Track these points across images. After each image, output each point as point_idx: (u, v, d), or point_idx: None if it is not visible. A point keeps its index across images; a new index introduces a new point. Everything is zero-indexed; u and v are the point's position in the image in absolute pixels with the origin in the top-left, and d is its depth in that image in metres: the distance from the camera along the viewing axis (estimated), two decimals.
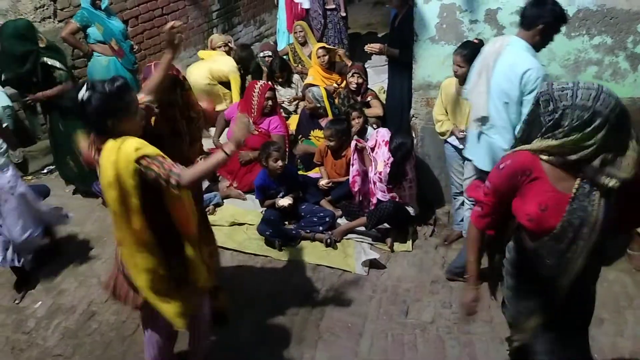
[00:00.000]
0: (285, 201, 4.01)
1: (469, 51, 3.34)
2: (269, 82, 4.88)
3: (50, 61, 4.07)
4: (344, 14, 6.57)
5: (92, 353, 3.06)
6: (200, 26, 6.76)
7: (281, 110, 5.41)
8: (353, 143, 4.04)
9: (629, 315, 3.16)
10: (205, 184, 4.47)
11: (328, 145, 4.31)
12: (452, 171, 3.78)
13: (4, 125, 3.52)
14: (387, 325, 3.21)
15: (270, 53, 5.90)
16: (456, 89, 3.50)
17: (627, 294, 3.32)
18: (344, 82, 5.15)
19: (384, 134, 3.98)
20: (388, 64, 5.10)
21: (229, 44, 5.64)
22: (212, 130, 4.97)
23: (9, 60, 3.99)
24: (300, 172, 4.58)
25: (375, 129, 4.38)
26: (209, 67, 5.25)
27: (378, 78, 6.36)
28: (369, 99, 4.78)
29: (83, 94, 2.07)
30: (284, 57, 6.04)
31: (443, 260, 3.79)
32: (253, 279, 3.62)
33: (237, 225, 4.16)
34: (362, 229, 3.98)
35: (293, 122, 5.13)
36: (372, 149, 3.97)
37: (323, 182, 4.28)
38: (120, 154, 2.06)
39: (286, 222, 4.15)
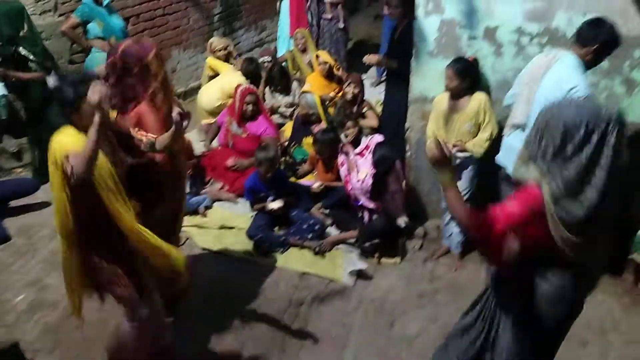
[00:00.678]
0: (275, 204, 4.00)
1: (461, 66, 3.37)
2: (253, 87, 4.88)
3: (24, 52, 4.15)
4: (342, 26, 6.57)
5: (73, 349, 3.02)
6: (201, 28, 6.76)
7: (274, 115, 5.42)
8: (340, 145, 4.11)
9: (613, 338, 3.16)
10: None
11: (319, 157, 4.35)
12: None
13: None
14: (372, 338, 3.19)
15: (269, 59, 5.90)
16: (448, 105, 3.51)
17: (613, 316, 3.32)
18: (341, 92, 5.16)
19: (377, 139, 3.98)
20: (386, 76, 5.12)
21: (229, 47, 5.63)
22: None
23: None
24: (291, 180, 4.58)
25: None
26: (220, 85, 5.22)
27: (375, 90, 6.39)
28: (364, 109, 4.79)
29: (52, 81, 2.19)
30: (283, 63, 6.04)
31: (431, 274, 3.78)
32: (239, 283, 3.59)
33: (226, 228, 4.13)
34: (352, 240, 3.97)
35: (288, 129, 5.14)
36: (362, 153, 3.98)
37: (316, 185, 4.28)
38: (55, 145, 2.19)
39: (276, 228, 4.13)
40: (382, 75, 6.69)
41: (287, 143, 4.93)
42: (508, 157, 3.28)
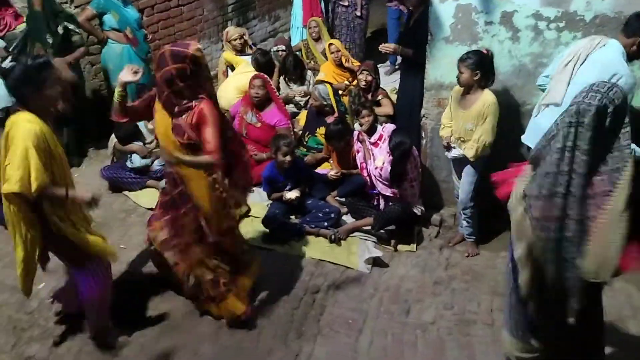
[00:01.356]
0: (292, 194, 4.01)
1: (473, 58, 3.33)
2: (263, 74, 4.86)
3: (72, 26, 4.30)
4: (359, 13, 6.51)
5: None
6: (215, 19, 6.76)
7: (289, 104, 5.41)
8: (355, 134, 4.11)
9: (631, 325, 3.13)
10: None
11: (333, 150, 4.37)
12: (454, 173, 3.77)
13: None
14: (388, 324, 3.21)
15: (284, 48, 5.89)
16: (459, 98, 3.50)
17: (632, 304, 3.29)
18: (356, 80, 5.14)
19: (389, 129, 3.98)
20: (401, 63, 5.09)
21: (244, 36, 5.64)
22: None
23: (39, 24, 4.22)
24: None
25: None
26: (235, 84, 5.23)
27: (389, 79, 6.35)
28: (379, 97, 4.77)
29: (7, 63, 2.26)
30: (297, 52, 6.03)
31: (447, 262, 3.78)
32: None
33: (241, 217, 4.14)
34: (368, 228, 3.97)
35: (303, 118, 5.13)
36: (376, 143, 3.97)
37: (333, 172, 4.29)
38: (17, 129, 2.30)
39: (292, 216, 4.15)
40: (395, 63, 6.66)
41: (301, 133, 4.93)
42: (534, 137, 3.24)
